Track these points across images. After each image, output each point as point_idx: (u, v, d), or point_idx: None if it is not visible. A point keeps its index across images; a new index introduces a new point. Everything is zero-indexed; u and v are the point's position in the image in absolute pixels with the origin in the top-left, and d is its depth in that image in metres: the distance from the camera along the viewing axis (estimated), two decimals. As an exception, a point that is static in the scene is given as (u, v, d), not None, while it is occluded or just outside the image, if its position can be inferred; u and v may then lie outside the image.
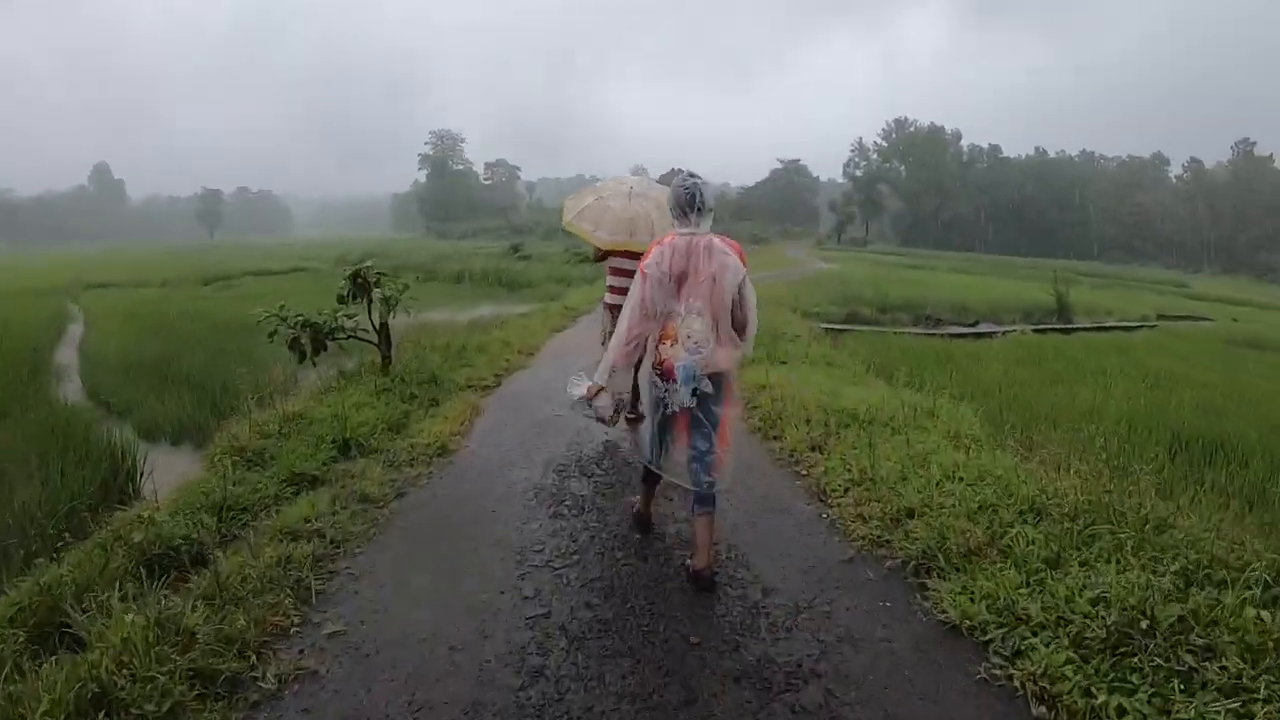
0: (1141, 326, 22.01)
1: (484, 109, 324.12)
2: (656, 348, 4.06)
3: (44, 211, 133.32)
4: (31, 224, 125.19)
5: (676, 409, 4.04)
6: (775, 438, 6.73)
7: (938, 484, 5.04)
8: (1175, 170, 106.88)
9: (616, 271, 6.66)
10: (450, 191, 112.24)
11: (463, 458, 6.28)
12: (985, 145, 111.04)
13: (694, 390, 3.97)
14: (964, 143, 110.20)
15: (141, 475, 7.42)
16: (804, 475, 5.84)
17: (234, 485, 5.35)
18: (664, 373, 4.03)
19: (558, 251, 39.96)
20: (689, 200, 3.97)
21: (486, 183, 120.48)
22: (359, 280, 8.66)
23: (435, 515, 5.12)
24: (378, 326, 8.73)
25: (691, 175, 4.04)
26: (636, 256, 4.95)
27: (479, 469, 6.00)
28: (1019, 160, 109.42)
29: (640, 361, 4.34)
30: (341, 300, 8.72)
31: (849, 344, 13.63)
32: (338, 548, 4.52)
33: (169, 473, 6.69)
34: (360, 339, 8.71)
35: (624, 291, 4.62)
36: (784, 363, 10.07)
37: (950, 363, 13.28)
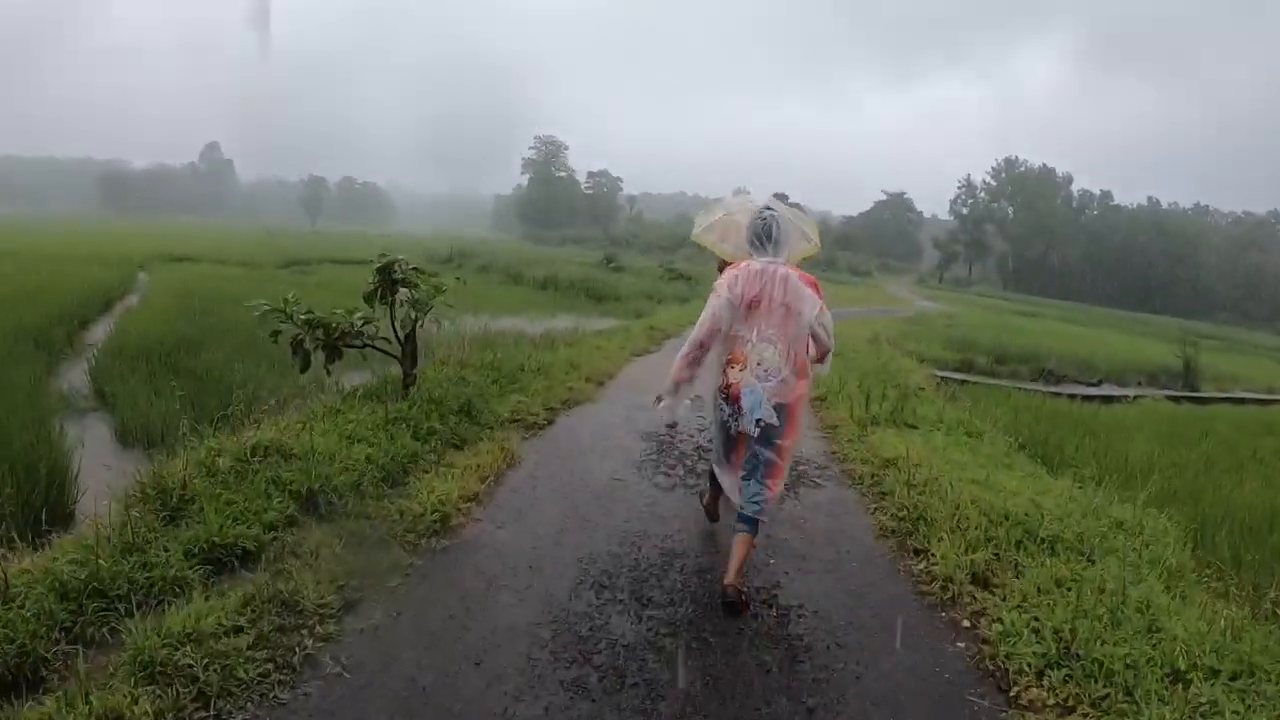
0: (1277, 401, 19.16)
1: (588, 122, 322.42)
2: (724, 370, 4.13)
3: (153, 184, 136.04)
4: (140, 196, 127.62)
5: (737, 433, 4.10)
6: (918, 551, 4.68)
7: (1183, 679, 3.20)
8: None
9: None
10: (550, 197, 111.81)
11: (467, 541, 4.42)
12: (1097, 191, 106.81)
13: (758, 420, 4.01)
14: (1075, 187, 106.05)
15: (78, 496, 5.75)
16: (968, 629, 3.82)
17: (122, 555, 3.57)
18: (730, 397, 4.09)
19: (652, 266, 38.21)
20: (766, 231, 4.13)
21: (588, 192, 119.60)
22: (389, 276, 6.86)
23: (383, 654, 3.24)
24: (403, 336, 6.90)
25: (768, 208, 4.23)
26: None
27: (481, 569, 4.11)
28: (1130, 209, 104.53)
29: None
30: (369, 299, 6.93)
31: (977, 402, 11.46)
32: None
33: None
34: (377, 349, 6.88)
35: None
36: (913, 427, 7.97)
37: (1091, 434, 11.05)
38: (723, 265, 6.34)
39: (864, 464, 6.52)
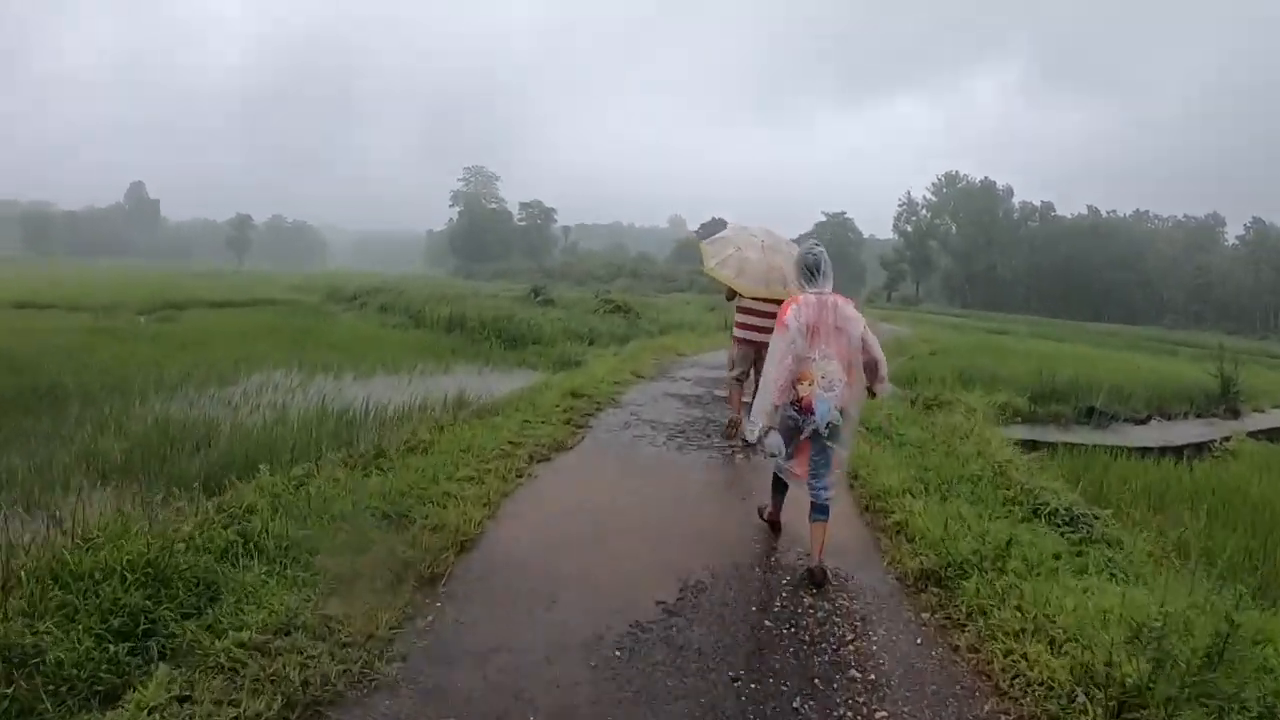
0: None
1: (523, 153, 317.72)
2: (794, 388, 4.79)
3: (78, 226, 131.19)
4: (64, 238, 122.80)
5: (808, 435, 4.81)
6: None
7: None
8: (1235, 231, 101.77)
9: (746, 311, 7.98)
10: (481, 230, 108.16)
11: None
12: (1038, 203, 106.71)
13: (829, 424, 4.75)
14: (1015, 200, 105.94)
15: None
16: None
17: None
18: (802, 408, 4.80)
19: (586, 297, 34.36)
20: (815, 265, 4.90)
21: (521, 224, 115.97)
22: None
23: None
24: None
25: (817, 244, 5.11)
26: (768, 302, 7.33)
27: None
28: (1071, 219, 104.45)
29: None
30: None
31: (1074, 479, 7.79)
32: None
33: None
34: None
35: (752, 329, 7.75)
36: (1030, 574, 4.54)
37: (1217, 512, 7.68)
38: (731, 294, 8.06)
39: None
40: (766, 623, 4.19)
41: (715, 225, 6.85)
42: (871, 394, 4.99)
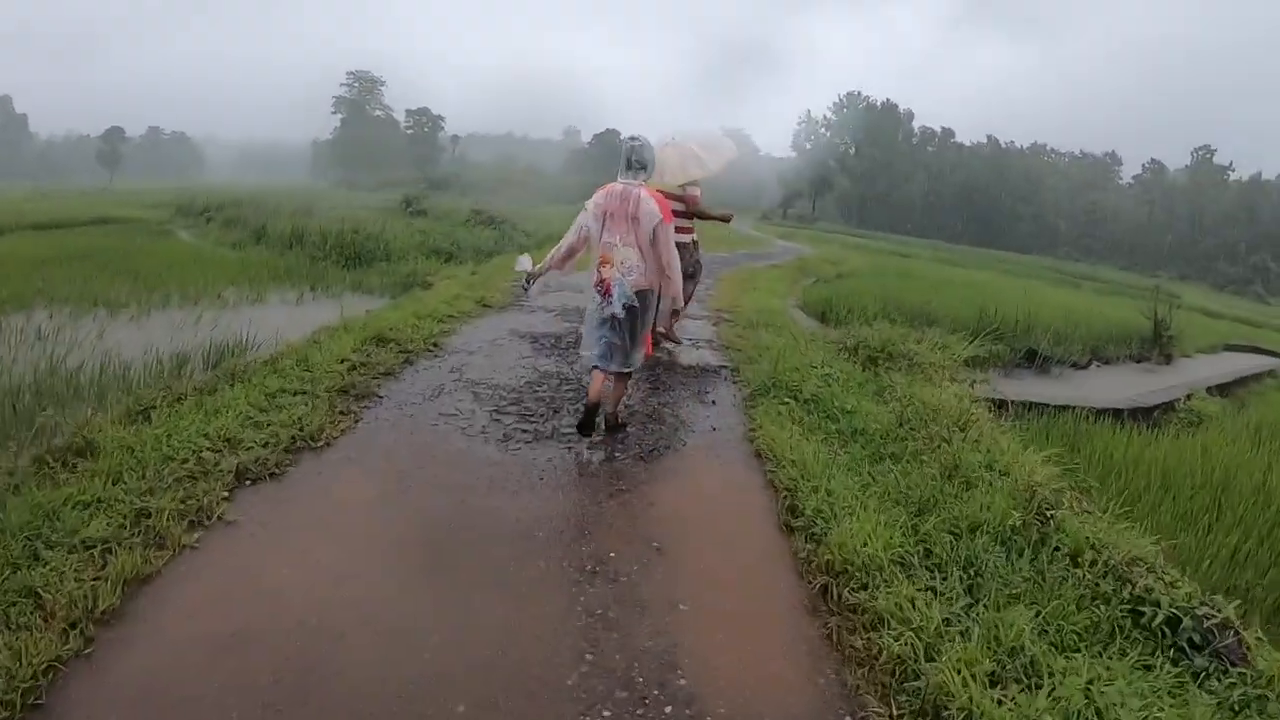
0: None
1: (411, 60, 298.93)
2: (598, 269, 5.06)
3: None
4: None
5: (608, 316, 5.02)
6: None
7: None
8: (1131, 171, 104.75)
9: None
10: (366, 139, 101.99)
11: None
12: (938, 129, 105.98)
13: (624, 304, 4.97)
14: (916, 124, 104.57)
15: None
16: None
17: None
18: (604, 291, 5.02)
19: (463, 209, 30.98)
20: (628, 156, 5.03)
21: (408, 132, 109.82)
22: None
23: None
24: None
25: (634, 138, 5.11)
26: (669, 196, 6.43)
27: None
28: (970, 146, 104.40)
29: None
30: None
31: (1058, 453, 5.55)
32: None
33: None
34: None
35: None
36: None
37: (1216, 504, 6.05)
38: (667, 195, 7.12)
39: None
40: None
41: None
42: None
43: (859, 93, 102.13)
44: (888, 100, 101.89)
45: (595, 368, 5.12)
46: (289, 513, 3.96)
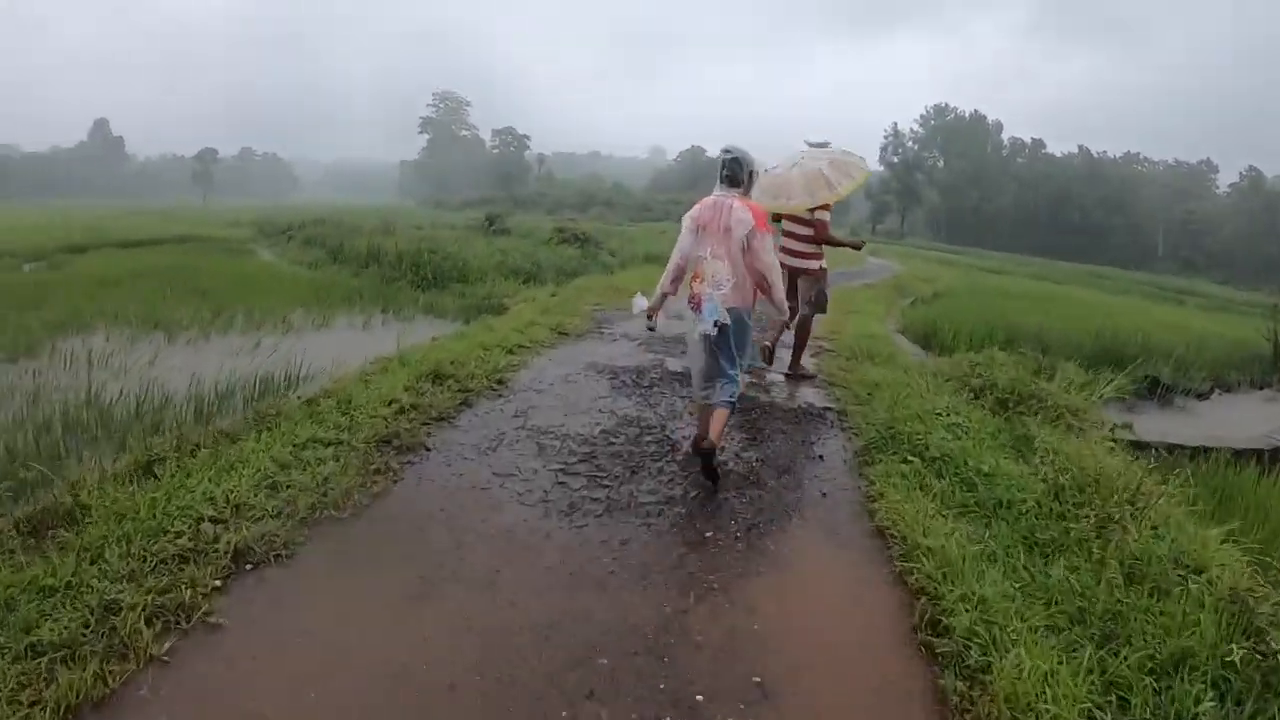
0: None
1: (501, 81, 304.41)
2: (690, 284, 4.79)
3: (36, 168, 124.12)
4: (24, 180, 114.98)
5: (700, 336, 4.68)
6: None
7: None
8: (1228, 179, 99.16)
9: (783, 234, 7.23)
10: (452, 159, 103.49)
11: None
12: (1028, 139, 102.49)
13: (715, 322, 4.59)
14: (1005, 135, 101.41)
15: None
16: None
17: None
18: (695, 306, 4.73)
19: (546, 228, 30.42)
20: (722, 168, 4.79)
21: (494, 151, 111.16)
22: None
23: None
24: None
25: (727, 150, 4.81)
26: (795, 220, 7.20)
27: None
28: (1061, 157, 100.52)
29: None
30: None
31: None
32: None
33: None
34: None
35: (782, 250, 7.10)
36: None
37: None
38: (775, 218, 7.05)
39: None
40: None
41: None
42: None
43: (946, 104, 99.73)
44: (976, 111, 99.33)
45: (704, 402, 4.83)
46: (287, 613, 3.15)
